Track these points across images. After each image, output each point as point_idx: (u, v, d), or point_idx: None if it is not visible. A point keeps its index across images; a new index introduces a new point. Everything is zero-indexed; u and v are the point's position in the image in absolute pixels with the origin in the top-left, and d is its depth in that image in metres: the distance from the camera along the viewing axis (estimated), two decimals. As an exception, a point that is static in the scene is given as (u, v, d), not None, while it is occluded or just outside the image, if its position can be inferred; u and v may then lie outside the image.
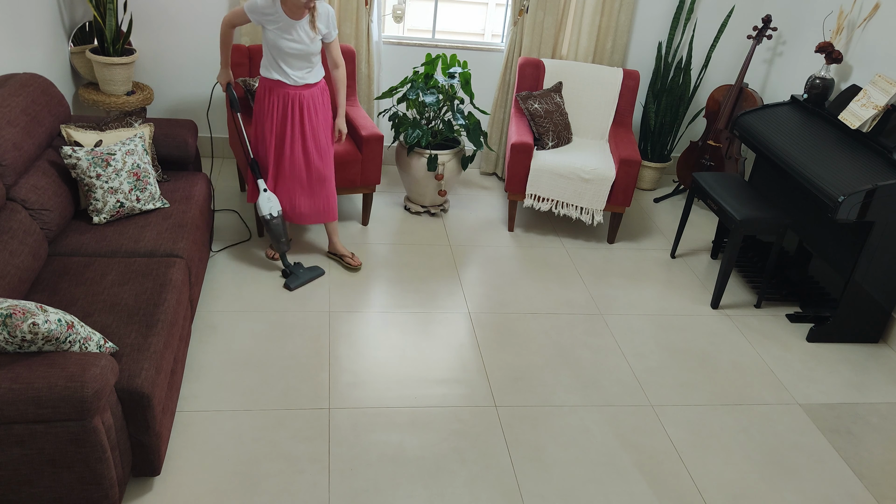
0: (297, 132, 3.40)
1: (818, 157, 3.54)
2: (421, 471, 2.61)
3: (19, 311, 1.99)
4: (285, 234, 3.50)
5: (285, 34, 3.17)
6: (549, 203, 4.25)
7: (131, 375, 2.22)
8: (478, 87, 4.89)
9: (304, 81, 3.31)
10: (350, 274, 3.74)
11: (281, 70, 3.28)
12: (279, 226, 3.47)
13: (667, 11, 4.75)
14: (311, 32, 3.20)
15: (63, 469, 2.11)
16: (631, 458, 2.78)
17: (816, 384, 3.32)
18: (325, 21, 3.24)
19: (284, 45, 3.19)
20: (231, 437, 2.66)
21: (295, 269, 3.58)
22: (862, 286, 3.48)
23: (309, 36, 3.20)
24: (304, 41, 3.20)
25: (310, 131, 3.41)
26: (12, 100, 2.88)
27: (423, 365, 3.15)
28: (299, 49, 3.21)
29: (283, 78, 3.29)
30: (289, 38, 3.18)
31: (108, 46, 3.98)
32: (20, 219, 2.68)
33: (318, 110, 3.41)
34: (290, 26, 3.15)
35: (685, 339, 3.53)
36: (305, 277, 3.57)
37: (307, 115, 3.38)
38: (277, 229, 3.46)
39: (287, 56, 3.23)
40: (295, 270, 3.58)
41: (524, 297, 3.72)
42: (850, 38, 4.11)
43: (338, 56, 3.40)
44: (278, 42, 3.20)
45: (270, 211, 3.44)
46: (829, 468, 2.84)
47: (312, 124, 3.41)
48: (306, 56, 3.26)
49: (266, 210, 3.43)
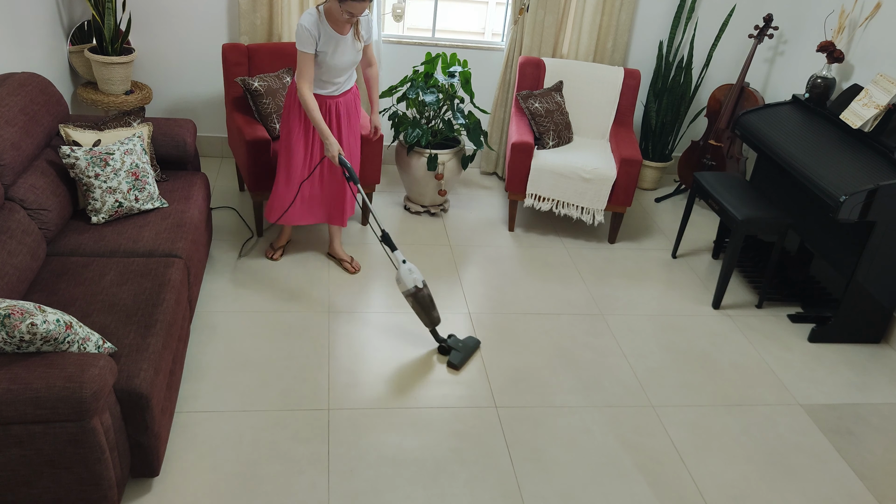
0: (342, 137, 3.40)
1: (820, 156, 3.53)
2: (420, 472, 2.60)
3: (18, 312, 1.98)
4: (434, 305, 3.09)
5: (334, 50, 3.13)
6: (550, 203, 4.24)
7: (130, 376, 2.21)
8: (478, 87, 4.88)
9: (342, 90, 3.32)
10: (349, 274, 3.73)
11: (322, 84, 3.25)
12: (427, 297, 3.04)
13: (668, 10, 4.74)
14: (358, 44, 3.20)
15: (62, 470, 2.11)
16: (632, 458, 2.77)
17: (818, 385, 3.31)
18: (365, 27, 3.24)
19: (334, 62, 3.16)
20: (230, 438, 2.65)
21: (453, 343, 3.19)
22: (863, 286, 3.47)
23: (356, 48, 3.20)
24: (353, 53, 3.20)
25: (344, 137, 3.41)
26: (10, 99, 2.87)
27: (422, 365, 3.14)
28: (349, 61, 3.21)
29: (323, 91, 3.27)
30: (338, 52, 3.15)
31: (107, 46, 3.97)
32: (18, 218, 2.67)
33: (351, 115, 3.41)
34: (338, 41, 3.13)
35: (686, 339, 3.52)
36: (468, 351, 3.18)
37: (343, 121, 3.37)
38: (426, 300, 3.04)
39: (335, 70, 3.20)
40: (454, 345, 3.18)
41: (524, 297, 3.71)
42: (851, 38, 4.10)
43: (373, 55, 3.39)
44: (332, 59, 3.14)
45: (416, 283, 3.02)
46: (831, 469, 2.83)
47: (345, 130, 3.41)
48: (351, 66, 3.26)
49: (411, 283, 3.02)
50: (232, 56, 3.99)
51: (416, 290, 3.02)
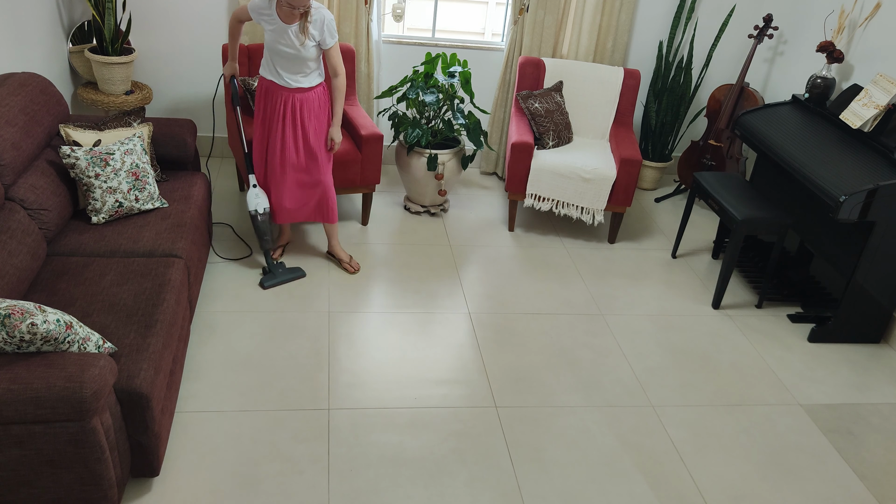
0: (289, 133, 3.38)
1: (819, 156, 3.53)
2: (421, 471, 2.60)
3: (18, 312, 1.98)
4: (269, 232, 3.52)
5: (278, 36, 3.17)
6: (550, 203, 4.24)
7: (130, 376, 2.21)
8: (478, 87, 4.88)
9: (296, 84, 3.29)
10: (349, 274, 3.73)
11: (274, 71, 3.28)
12: (265, 223, 3.49)
13: (668, 10, 4.74)
14: (302, 37, 3.16)
15: (62, 470, 2.11)
16: (631, 458, 2.77)
17: (818, 384, 3.31)
18: (318, 28, 3.18)
19: (276, 47, 3.19)
20: (230, 438, 2.65)
21: (274, 269, 3.57)
22: (863, 286, 3.47)
23: (299, 40, 3.17)
24: (294, 46, 3.18)
25: (301, 135, 3.39)
26: (11, 99, 2.87)
27: (422, 365, 3.14)
28: (289, 53, 3.20)
29: (276, 79, 3.30)
30: (281, 41, 3.17)
31: (107, 46, 3.97)
32: (19, 218, 2.67)
33: (310, 115, 3.37)
34: (282, 29, 3.14)
35: (686, 339, 3.52)
36: (283, 278, 3.56)
37: (298, 117, 3.36)
38: (262, 227, 3.49)
39: (279, 58, 3.23)
40: (274, 269, 3.57)
41: (524, 297, 3.71)
42: (851, 38, 4.10)
43: (337, 64, 3.32)
44: (272, 43, 3.20)
45: (256, 207, 3.47)
46: (831, 469, 2.83)
47: (304, 128, 3.38)
48: (298, 60, 3.23)
49: (252, 206, 3.47)
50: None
51: (255, 214, 3.46)
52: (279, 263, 3.64)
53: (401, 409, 2.89)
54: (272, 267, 3.57)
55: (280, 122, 3.36)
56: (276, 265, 3.61)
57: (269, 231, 3.51)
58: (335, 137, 3.47)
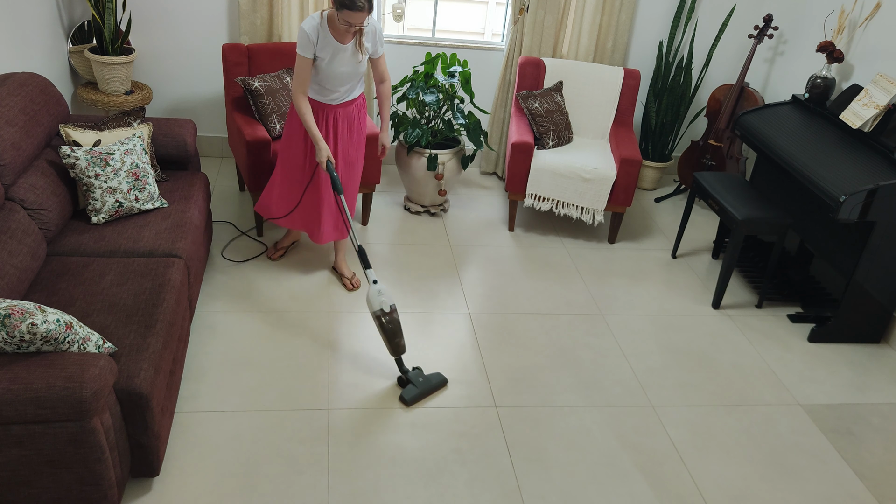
0: (335, 150, 3.33)
1: (819, 156, 3.53)
2: (421, 472, 2.60)
3: (18, 312, 1.98)
4: (399, 332, 2.91)
5: (334, 58, 3.10)
6: (550, 203, 4.24)
7: (130, 376, 2.21)
8: (478, 87, 4.88)
9: (343, 99, 3.25)
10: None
11: (322, 92, 3.21)
12: (393, 322, 2.89)
13: (668, 10, 4.74)
14: (360, 55, 3.13)
15: (62, 470, 2.11)
16: (632, 458, 2.77)
17: (817, 384, 3.31)
18: (371, 39, 3.14)
19: (334, 70, 3.12)
20: (230, 438, 2.65)
21: (413, 377, 2.97)
22: (863, 286, 3.47)
23: (356, 59, 3.13)
24: (351, 64, 3.14)
25: (341, 147, 3.35)
26: (11, 99, 2.87)
27: (423, 365, 3.14)
28: (348, 72, 3.15)
29: (323, 98, 3.22)
30: (338, 61, 3.11)
31: (107, 46, 3.97)
32: (19, 218, 2.67)
33: (352, 126, 3.33)
34: (339, 49, 3.08)
35: (686, 339, 3.52)
36: (426, 388, 2.96)
37: (340, 131, 3.31)
38: (391, 326, 2.88)
39: (335, 78, 3.16)
40: (413, 379, 2.96)
41: (524, 297, 3.71)
42: (851, 38, 4.10)
43: (384, 70, 3.31)
44: (329, 67, 3.11)
45: (382, 306, 2.88)
46: (831, 469, 2.83)
47: (345, 140, 3.34)
48: (352, 76, 3.19)
49: (377, 306, 2.88)
50: (232, 56, 3.99)
51: (382, 314, 2.88)
52: (416, 369, 3.03)
53: (401, 409, 2.89)
54: (410, 375, 2.98)
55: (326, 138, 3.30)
56: (414, 372, 3.00)
57: (400, 332, 2.92)
58: (386, 142, 3.48)
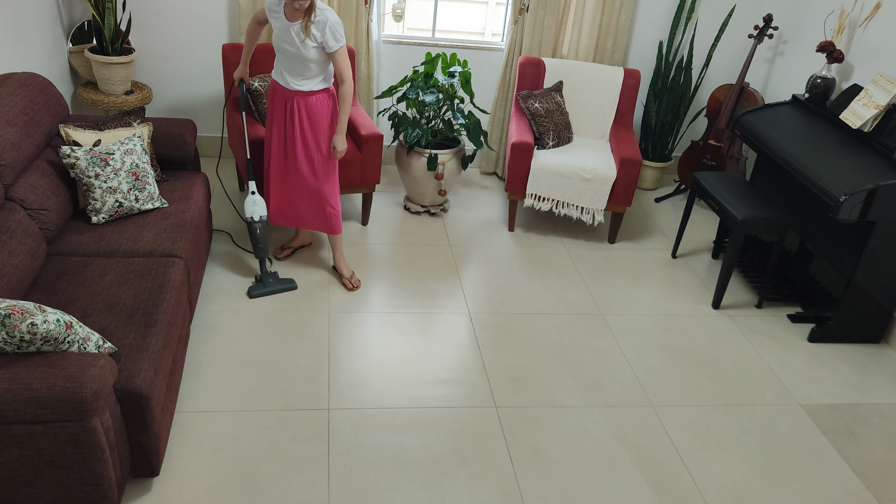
0: (289, 136, 3.33)
1: (819, 156, 3.53)
2: (421, 472, 2.60)
3: (18, 312, 1.98)
4: (265, 241, 3.45)
5: (282, 34, 3.14)
6: (550, 203, 4.24)
7: (130, 376, 2.21)
8: (478, 87, 4.88)
9: (297, 87, 3.23)
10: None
11: (279, 72, 3.26)
12: (257, 230, 3.43)
13: (668, 10, 4.74)
14: (302, 35, 3.09)
15: (62, 470, 2.11)
16: (632, 458, 2.77)
17: (818, 384, 3.31)
18: (321, 28, 3.08)
19: (280, 44, 3.17)
20: (230, 438, 2.65)
21: (265, 278, 3.50)
22: (863, 286, 3.47)
23: (299, 38, 3.09)
24: (294, 44, 3.11)
25: (300, 140, 3.32)
26: (11, 99, 2.87)
27: (422, 365, 3.14)
28: (291, 52, 3.14)
29: (279, 80, 3.27)
30: (284, 38, 3.14)
31: (107, 46, 3.97)
32: (19, 218, 2.67)
33: (311, 121, 3.29)
34: (286, 27, 3.11)
35: (686, 339, 3.52)
36: (272, 288, 3.49)
37: (297, 122, 3.29)
38: (256, 234, 3.43)
39: (283, 57, 3.20)
40: (265, 279, 3.50)
41: (524, 297, 3.71)
42: (851, 38, 4.10)
43: (342, 70, 3.19)
44: (277, 41, 3.18)
45: (252, 214, 3.43)
46: (831, 469, 2.83)
47: (304, 133, 3.31)
48: (299, 60, 3.15)
49: (249, 212, 3.44)
50: (232, 56, 3.99)
51: (252, 222, 3.43)
52: (272, 273, 3.54)
53: (401, 409, 2.89)
54: (264, 276, 3.51)
55: (281, 124, 3.33)
56: (268, 274, 3.52)
57: (264, 239, 3.46)
58: (337, 145, 3.34)
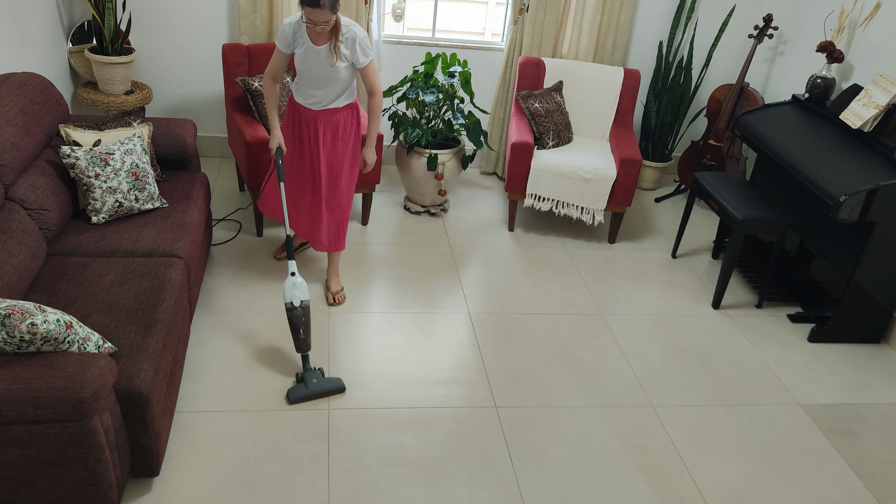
0: (311, 156, 3.25)
1: (819, 156, 3.53)
2: (421, 472, 2.60)
3: (18, 312, 1.98)
4: (305, 329, 2.91)
5: (308, 58, 3.03)
6: (550, 203, 4.24)
7: (130, 376, 2.21)
8: (478, 87, 4.88)
9: (321, 106, 3.15)
10: (349, 274, 3.73)
11: (302, 92, 3.15)
12: (299, 318, 2.90)
13: (668, 10, 4.74)
14: (333, 59, 3.00)
15: (62, 470, 2.11)
16: (632, 458, 2.77)
17: (818, 384, 3.31)
18: (350, 47, 2.99)
19: (306, 68, 3.06)
20: (230, 438, 2.65)
21: (308, 377, 2.92)
22: (863, 286, 3.47)
23: (329, 62, 3.01)
24: (324, 68, 3.03)
25: (324, 158, 3.23)
26: (11, 99, 2.87)
27: (422, 365, 3.14)
28: (322, 76, 3.06)
29: (302, 100, 3.16)
30: (311, 62, 3.04)
31: (107, 46, 3.97)
32: (19, 218, 2.67)
33: (336, 136, 3.21)
34: (313, 51, 3.01)
35: (686, 339, 3.52)
36: (315, 390, 2.90)
37: (322, 140, 3.21)
38: (297, 321, 2.90)
39: (308, 80, 3.09)
40: (307, 379, 2.92)
41: (524, 297, 3.71)
42: (851, 38, 4.10)
43: (374, 82, 3.13)
44: (301, 64, 3.06)
45: (292, 299, 2.90)
46: (831, 469, 2.83)
47: (329, 151, 3.23)
48: (327, 81, 3.08)
49: (288, 297, 2.90)
50: (232, 56, 3.99)
51: (291, 307, 2.89)
52: (317, 370, 2.97)
53: (401, 409, 2.89)
54: (306, 376, 2.93)
55: (302, 143, 3.25)
56: (309, 373, 2.94)
57: (307, 328, 2.91)
58: (368, 158, 3.30)
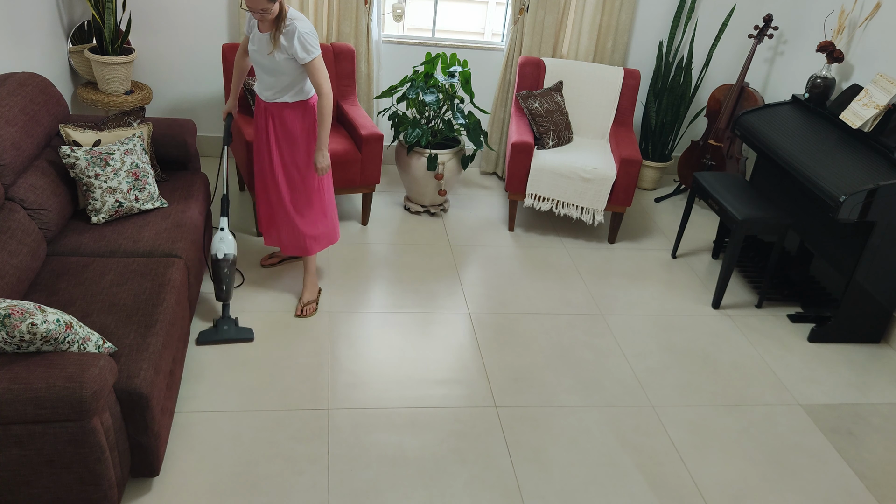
0: (268, 150, 3.23)
1: (819, 156, 3.53)
2: (421, 472, 2.60)
3: (18, 311, 1.98)
4: (226, 281, 3.12)
5: (253, 42, 3.05)
6: (550, 203, 4.24)
7: (130, 376, 2.21)
8: (478, 87, 4.88)
9: (270, 98, 3.12)
10: (349, 274, 3.73)
11: (258, 83, 3.15)
12: (222, 270, 3.11)
13: (668, 10, 4.74)
14: (271, 47, 2.96)
15: (62, 470, 2.11)
16: (631, 458, 2.77)
17: (817, 384, 3.31)
18: (289, 39, 2.92)
19: (254, 55, 3.06)
20: (230, 438, 2.65)
21: (220, 323, 3.17)
22: (863, 286, 3.47)
23: (267, 49, 2.98)
24: (264, 55, 3.01)
25: (277, 155, 3.20)
26: (11, 99, 2.87)
27: (422, 365, 3.14)
28: (265, 65, 3.03)
29: (258, 91, 3.16)
30: (257, 49, 3.03)
31: (107, 46, 3.97)
32: (19, 218, 2.67)
33: (285, 136, 3.16)
34: (260, 38, 3.01)
35: (686, 339, 3.52)
36: (224, 336, 3.13)
37: (273, 136, 3.18)
38: (220, 273, 3.11)
39: (258, 68, 3.09)
40: (220, 324, 3.16)
41: (524, 297, 3.71)
42: (851, 38, 4.10)
43: (319, 82, 2.99)
44: (250, 48, 3.08)
45: (217, 252, 3.12)
46: (831, 469, 2.83)
47: (280, 149, 3.18)
48: (272, 72, 3.04)
49: (214, 250, 3.13)
50: (232, 56, 3.99)
51: (214, 259, 3.12)
52: (233, 319, 3.21)
53: (401, 409, 2.89)
54: (220, 321, 3.18)
55: (261, 137, 3.23)
56: (223, 320, 3.18)
57: (228, 281, 3.13)
58: (318, 162, 3.13)
